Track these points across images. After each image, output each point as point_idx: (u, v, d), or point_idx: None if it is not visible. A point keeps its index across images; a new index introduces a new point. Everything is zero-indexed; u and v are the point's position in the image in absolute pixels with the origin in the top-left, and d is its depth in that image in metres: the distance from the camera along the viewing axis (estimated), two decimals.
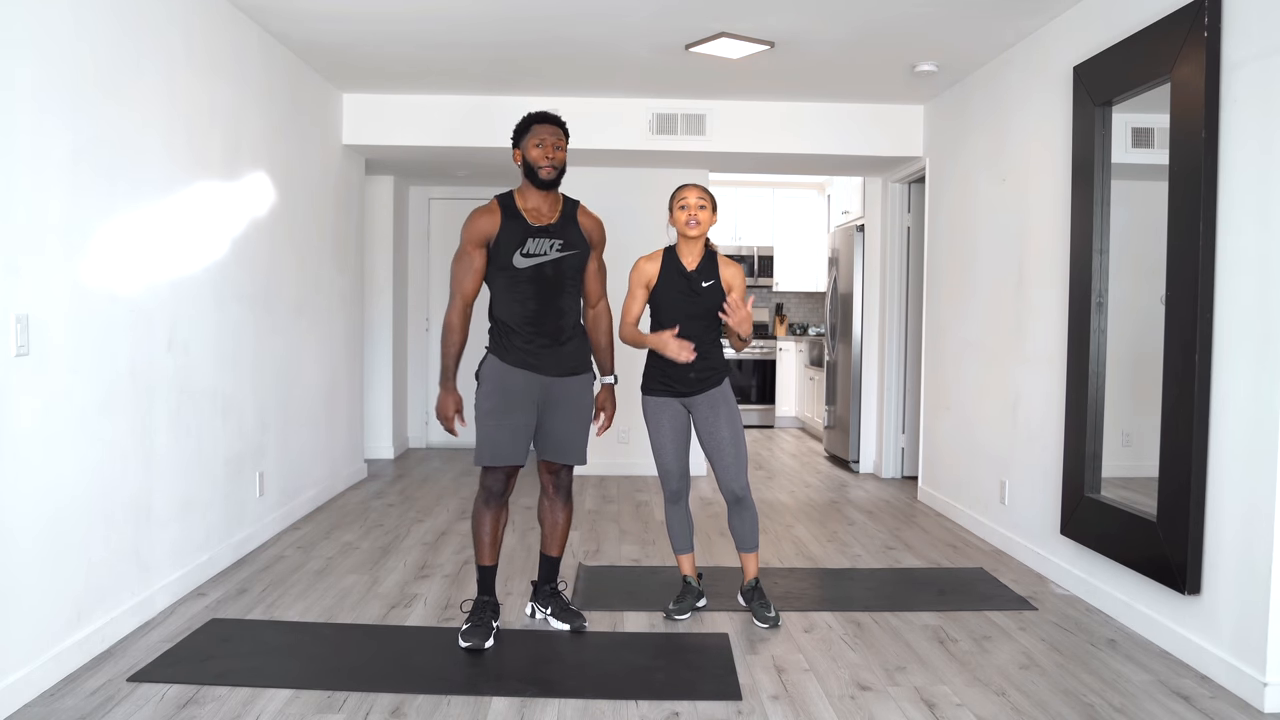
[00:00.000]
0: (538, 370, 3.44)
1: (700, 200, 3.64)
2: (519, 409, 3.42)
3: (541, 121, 3.44)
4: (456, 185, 8.14)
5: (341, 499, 6.01)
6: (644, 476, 7.01)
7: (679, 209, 3.63)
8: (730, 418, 3.66)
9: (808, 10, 4.44)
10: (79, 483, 3.21)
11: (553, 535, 3.69)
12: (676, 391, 3.69)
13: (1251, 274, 3.07)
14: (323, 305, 5.82)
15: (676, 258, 3.70)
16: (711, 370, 3.66)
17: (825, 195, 9.18)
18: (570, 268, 3.48)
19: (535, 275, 3.42)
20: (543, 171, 3.39)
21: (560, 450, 3.54)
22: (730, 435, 3.65)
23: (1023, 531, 4.72)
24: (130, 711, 2.86)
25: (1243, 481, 3.10)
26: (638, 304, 3.74)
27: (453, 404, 3.45)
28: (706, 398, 3.67)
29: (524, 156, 3.43)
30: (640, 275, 3.71)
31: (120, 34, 3.47)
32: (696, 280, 3.66)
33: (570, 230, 3.49)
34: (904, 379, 7.08)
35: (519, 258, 3.40)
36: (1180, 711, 2.98)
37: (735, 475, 3.67)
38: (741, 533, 3.76)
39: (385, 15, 4.59)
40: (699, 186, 3.68)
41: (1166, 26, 3.45)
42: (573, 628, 3.60)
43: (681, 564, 3.87)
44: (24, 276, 2.91)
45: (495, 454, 3.42)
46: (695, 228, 3.62)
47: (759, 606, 3.72)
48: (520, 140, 3.45)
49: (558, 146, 3.42)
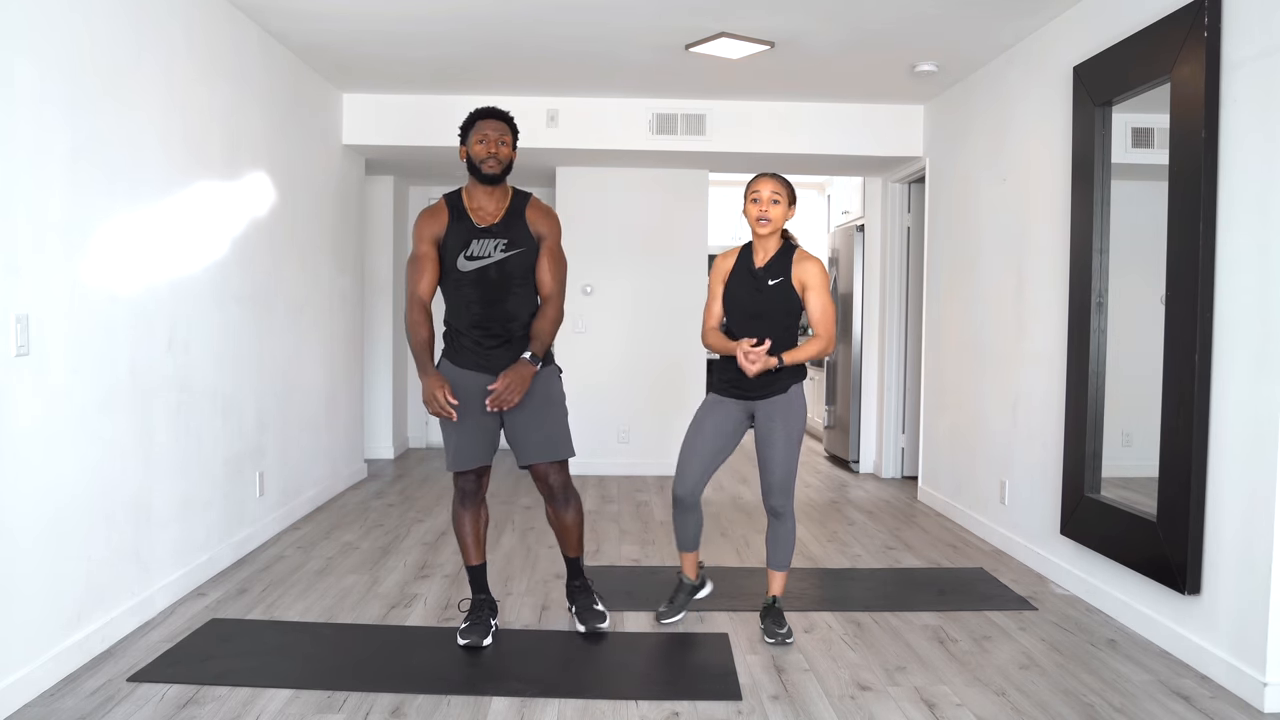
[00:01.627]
0: (490, 370, 3.37)
1: (774, 194, 3.40)
2: (476, 410, 3.35)
3: (485, 117, 3.37)
4: (457, 185, 8.11)
5: (341, 499, 6.01)
6: (644, 476, 7.01)
7: (751, 202, 3.43)
8: (787, 435, 3.45)
9: (808, 10, 4.44)
10: (79, 482, 3.21)
11: (565, 539, 3.60)
12: (739, 394, 3.50)
13: (1251, 273, 3.07)
14: (323, 305, 5.82)
15: (749, 253, 3.51)
16: (775, 376, 3.44)
17: (825, 195, 9.18)
18: (516, 268, 3.37)
19: (479, 278, 3.35)
20: (485, 166, 3.32)
21: (534, 450, 3.43)
22: (783, 453, 3.45)
23: (1023, 531, 4.72)
24: (130, 711, 2.86)
25: (1243, 481, 3.10)
26: (717, 303, 3.54)
27: (437, 384, 3.25)
28: (769, 405, 3.47)
29: (468, 153, 3.37)
30: (717, 272, 3.55)
31: (120, 33, 3.47)
32: (763, 278, 3.45)
33: (516, 228, 3.38)
34: (904, 379, 7.08)
35: (462, 260, 3.35)
36: (1180, 711, 2.98)
37: (776, 492, 3.48)
38: (773, 549, 3.60)
39: (385, 15, 4.59)
40: (775, 177, 3.44)
41: (1166, 26, 3.45)
42: (586, 629, 3.54)
43: (684, 562, 3.76)
44: (24, 276, 2.91)
45: (458, 458, 3.41)
46: (765, 225, 3.41)
47: (771, 624, 3.54)
48: (465, 137, 3.39)
49: (502, 142, 3.34)
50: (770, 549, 3.63)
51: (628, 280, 7.08)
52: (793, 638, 3.56)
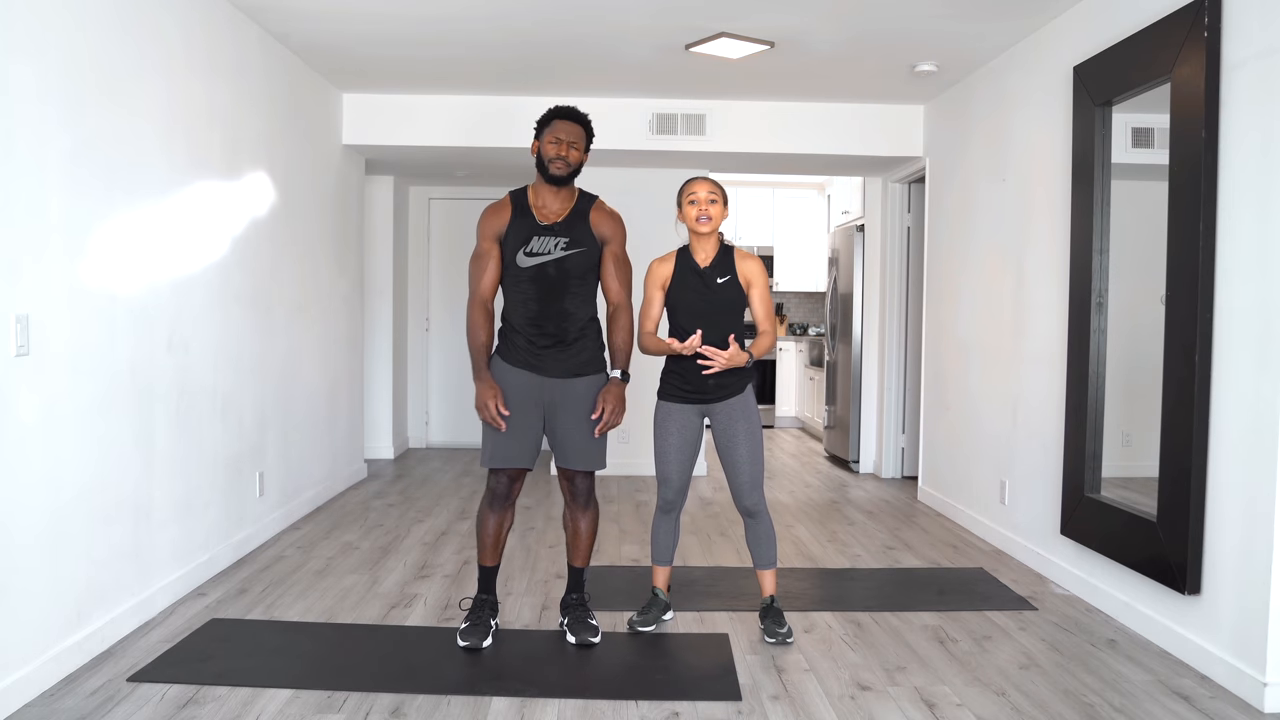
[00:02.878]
0: (539, 371, 3.39)
1: (711, 194, 3.50)
2: (521, 410, 3.37)
3: (563, 118, 3.38)
4: (456, 185, 8.14)
5: (341, 499, 6.01)
6: (644, 476, 7.01)
7: (688, 204, 3.50)
8: (749, 433, 3.49)
9: (808, 10, 4.44)
10: (79, 482, 3.21)
11: (574, 544, 3.58)
12: (694, 399, 3.52)
13: (1251, 274, 3.07)
14: (323, 305, 5.82)
15: (690, 255, 3.56)
16: (731, 378, 3.48)
17: (825, 195, 9.18)
18: (576, 267, 3.38)
19: (537, 275, 3.36)
20: (553, 167, 3.33)
21: (571, 455, 3.44)
22: (747, 452, 3.49)
23: (1023, 531, 4.72)
24: (130, 711, 2.86)
25: (1243, 481, 3.10)
26: (655, 307, 3.58)
27: (489, 394, 3.30)
28: (725, 408, 3.51)
29: (539, 149, 3.38)
30: (654, 278, 3.59)
31: (120, 33, 3.47)
32: (710, 277, 3.51)
33: (578, 228, 3.39)
34: (904, 379, 7.08)
35: (522, 256, 3.36)
36: (1180, 711, 2.98)
37: (748, 492, 3.52)
38: (756, 549, 3.61)
39: (385, 15, 4.59)
40: (708, 179, 3.53)
41: (1166, 26, 3.45)
42: (577, 641, 3.47)
43: (656, 575, 3.71)
44: (24, 276, 2.91)
45: (495, 455, 3.40)
46: (707, 224, 3.48)
47: (771, 624, 3.54)
48: (540, 133, 3.39)
49: (574, 146, 3.35)
50: (754, 549, 3.63)
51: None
52: (793, 637, 3.56)
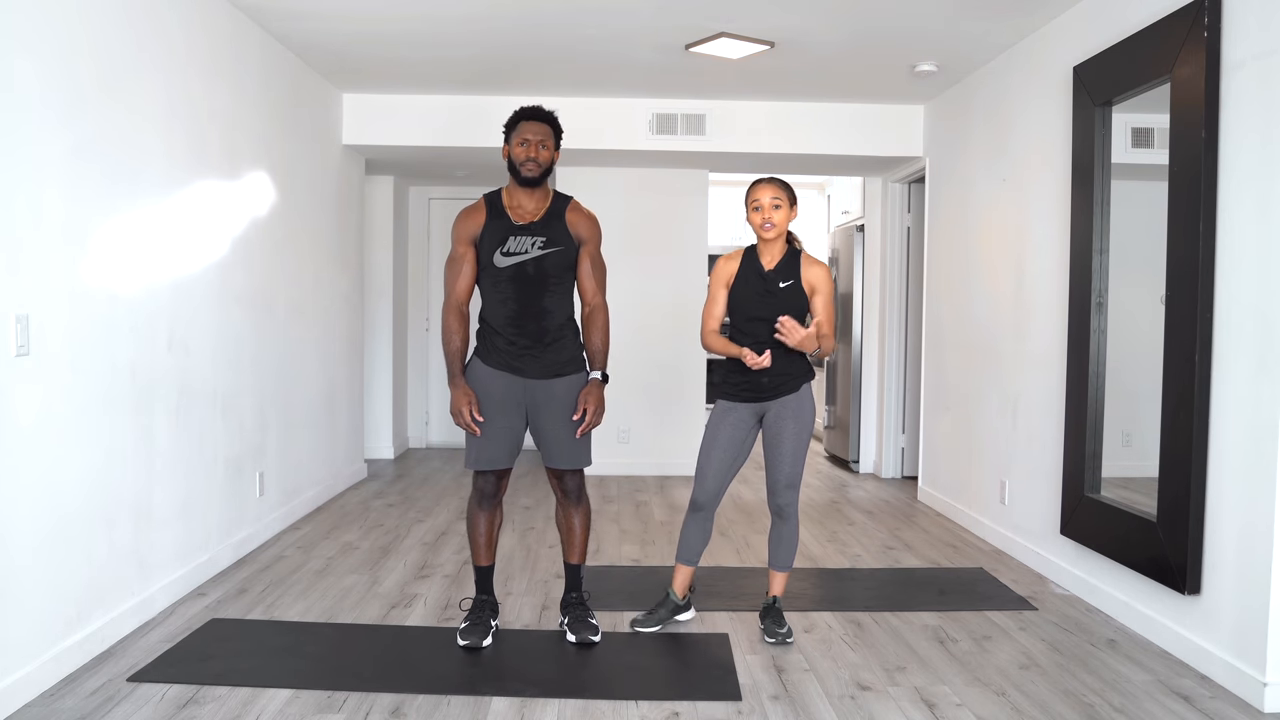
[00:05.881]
0: (519, 373, 3.39)
1: (775, 199, 3.44)
2: (501, 412, 3.38)
3: (530, 119, 3.38)
4: (456, 185, 8.14)
5: (342, 499, 6.01)
6: (644, 476, 7.02)
7: (752, 210, 3.46)
8: (796, 433, 3.48)
9: (808, 10, 4.44)
10: (79, 482, 3.21)
11: (569, 542, 3.59)
12: (750, 397, 3.50)
13: (1251, 274, 3.08)
14: (323, 305, 5.82)
15: (755, 257, 3.53)
16: (786, 376, 3.47)
17: (825, 195, 9.18)
18: (554, 266, 3.38)
19: (516, 274, 3.36)
20: (524, 169, 3.34)
21: (557, 456, 3.45)
22: (790, 450, 3.48)
23: (1023, 531, 4.72)
24: (130, 711, 2.86)
25: (1243, 481, 3.10)
26: (718, 306, 3.55)
27: (464, 399, 3.33)
28: (780, 404, 3.49)
29: (509, 153, 3.39)
30: (719, 276, 3.56)
31: (120, 33, 3.47)
32: (773, 281, 3.48)
33: (555, 227, 3.40)
34: (904, 379, 7.08)
35: (499, 256, 3.36)
36: (1180, 711, 2.98)
37: (782, 490, 3.50)
38: (776, 549, 3.61)
39: (385, 15, 4.59)
40: (774, 182, 3.46)
41: (1166, 26, 3.45)
42: (578, 640, 3.48)
43: (676, 574, 3.69)
44: (24, 276, 2.91)
45: (479, 457, 3.41)
46: (770, 230, 3.44)
47: (771, 623, 3.55)
48: (508, 136, 3.40)
49: (543, 145, 3.35)
50: (773, 549, 3.63)
51: (627, 280, 7.06)
52: (793, 638, 3.56)
